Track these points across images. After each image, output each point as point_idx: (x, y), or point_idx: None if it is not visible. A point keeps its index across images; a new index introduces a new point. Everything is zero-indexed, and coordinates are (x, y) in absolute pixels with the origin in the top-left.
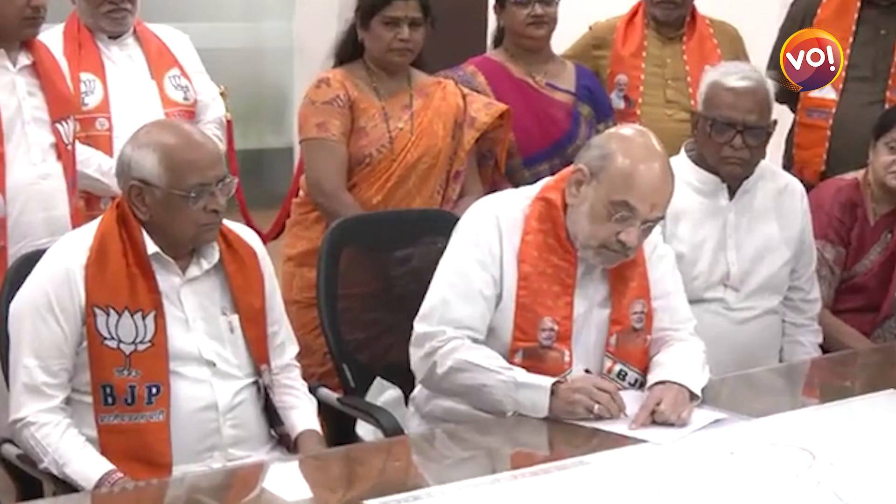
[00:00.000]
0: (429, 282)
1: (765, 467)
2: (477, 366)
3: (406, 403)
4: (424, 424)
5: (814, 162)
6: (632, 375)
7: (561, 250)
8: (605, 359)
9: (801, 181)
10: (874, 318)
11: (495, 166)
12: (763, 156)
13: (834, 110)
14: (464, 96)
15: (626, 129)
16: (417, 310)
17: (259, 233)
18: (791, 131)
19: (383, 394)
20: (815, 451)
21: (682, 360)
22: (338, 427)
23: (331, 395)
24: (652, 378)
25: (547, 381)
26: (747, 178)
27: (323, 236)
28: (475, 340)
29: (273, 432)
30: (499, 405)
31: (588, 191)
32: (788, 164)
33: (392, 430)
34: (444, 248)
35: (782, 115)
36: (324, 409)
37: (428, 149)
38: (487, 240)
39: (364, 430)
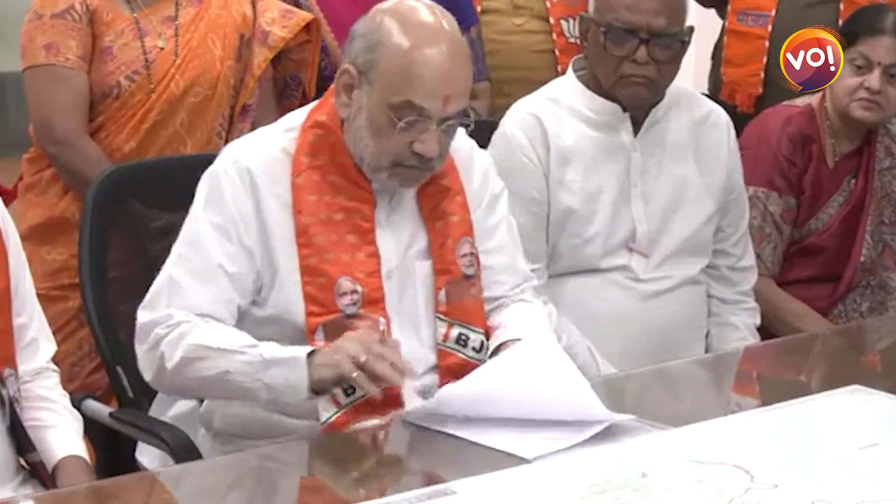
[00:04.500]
0: None
1: (688, 492)
2: (213, 349)
3: None
4: (219, 446)
5: (748, 83)
6: (475, 338)
7: (349, 186)
8: (437, 322)
9: (733, 112)
10: (833, 291)
11: (303, 98)
12: (675, 74)
13: (773, 13)
14: (253, 3)
15: (399, 3)
16: None
17: (1, 189)
18: (719, 43)
19: (173, 406)
20: (754, 470)
21: (525, 320)
22: (111, 451)
23: (101, 409)
24: (495, 342)
25: (301, 351)
26: (656, 105)
27: (89, 190)
28: None
29: (23, 461)
30: (249, 394)
31: (361, 96)
32: (716, 90)
33: (184, 452)
34: None
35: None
36: (92, 427)
37: (201, 75)
38: (232, 199)
39: (147, 454)
